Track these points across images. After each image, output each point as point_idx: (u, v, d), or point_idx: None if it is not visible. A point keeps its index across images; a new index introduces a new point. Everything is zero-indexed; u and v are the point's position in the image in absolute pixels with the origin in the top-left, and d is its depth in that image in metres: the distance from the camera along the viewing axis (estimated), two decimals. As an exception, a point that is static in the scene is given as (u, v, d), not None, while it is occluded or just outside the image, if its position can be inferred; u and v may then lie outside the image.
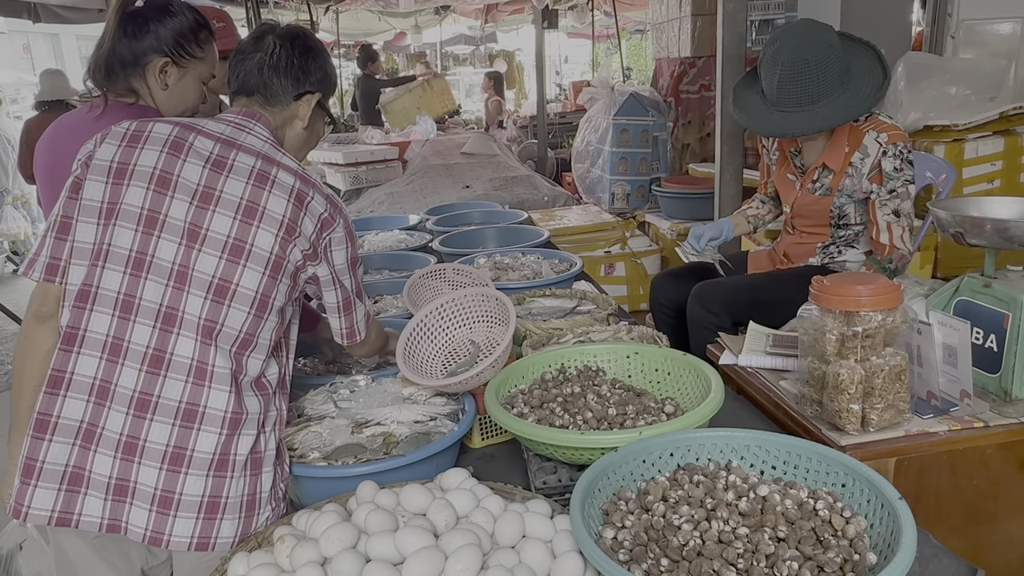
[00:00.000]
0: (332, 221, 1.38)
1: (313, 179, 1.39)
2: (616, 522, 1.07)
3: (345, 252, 1.42)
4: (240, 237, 1.29)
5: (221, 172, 1.31)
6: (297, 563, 1.08)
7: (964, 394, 1.56)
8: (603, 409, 1.43)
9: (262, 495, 1.31)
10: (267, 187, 1.31)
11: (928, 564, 1.15)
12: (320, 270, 1.39)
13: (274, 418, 1.36)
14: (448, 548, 1.06)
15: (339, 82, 9.61)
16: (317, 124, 1.53)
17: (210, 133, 1.35)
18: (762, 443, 1.20)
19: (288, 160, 1.38)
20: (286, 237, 1.31)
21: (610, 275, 4.47)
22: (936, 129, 3.57)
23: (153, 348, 1.26)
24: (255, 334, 1.32)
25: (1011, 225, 1.60)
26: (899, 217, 2.19)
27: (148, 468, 1.23)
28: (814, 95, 2.14)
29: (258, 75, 1.42)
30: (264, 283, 1.31)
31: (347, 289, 1.45)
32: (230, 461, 1.26)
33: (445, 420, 1.52)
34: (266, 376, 1.36)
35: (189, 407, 1.25)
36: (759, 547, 0.99)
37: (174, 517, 1.23)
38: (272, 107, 1.44)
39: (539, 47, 7.90)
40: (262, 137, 1.39)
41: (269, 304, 1.32)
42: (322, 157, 6.40)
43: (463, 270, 2.31)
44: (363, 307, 1.52)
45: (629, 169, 5.46)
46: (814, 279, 1.51)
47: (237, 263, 1.29)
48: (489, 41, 14.82)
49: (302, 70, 1.44)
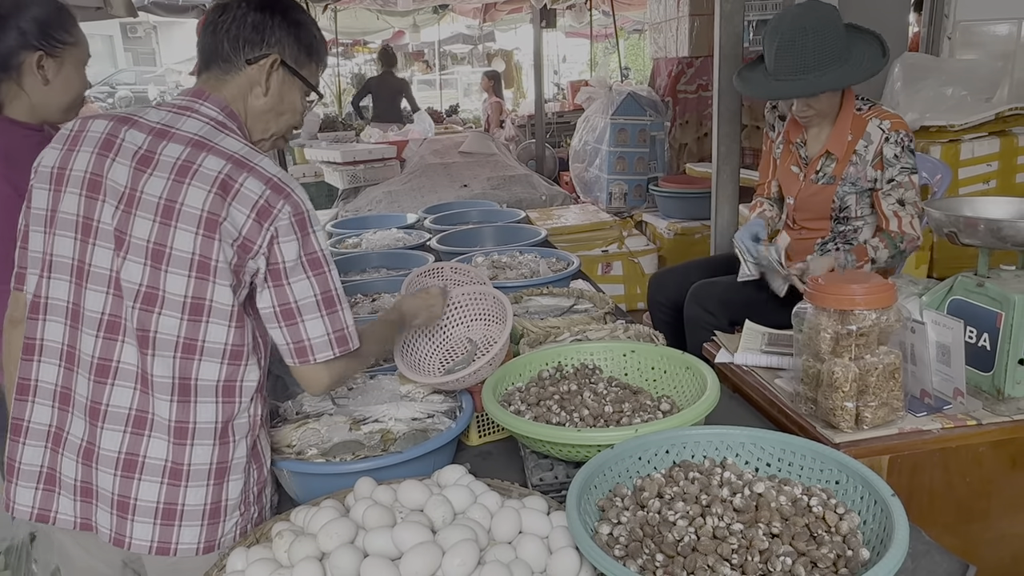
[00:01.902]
0: (271, 208, 1.20)
1: (253, 161, 1.22)
2: (612, 518, 1.08)
3: (296, 245, 1.22)
4: (159, 241, 1.19)
5: (145, 170, 1.21)
6: (295, 558, 1.08)
7: (957, 392, 1.57)
8: (599, 407, 1.44)
9: (228, 503, 1.27)
10: (187, 179, 1.19)
11: (920, 560, 1.17)
12: (258, 264, 1.22)
13: (246, 424, 1.28)
14: (445, 543, 1.07)
15: (337, 80, 9.56)
16: (288, 93, 1.35)
17: (144, 124, 1.25)
18: (757, 440, 1.21)
19: (229, 143, 1.24)
20: (207, 234, 1.18)
21: (607, 274, 4.48)
22: (932, 130, 3.59)
23: (98, 357, 1.23)
24: (197, 339, 1.22)
25: (1004, 225, 1.62)
26: (904, 206, 2.20)
27: (104, 473, 1.23)
28: (810, 64, 2.13)
29: (212, 41, 1.29)
30: (192, 286, 1.20)
31: (297, 292, 1.23)
32: (183, 471, 1.22)
33: (442, 417, 1.53)
34: (238, 381, 1.26)
35: (139, 414, 1.23)
36: (753, 543, 1.00)
37: (132, 521, 1.22)
38: (226, 76, 1.30)
39: (537, 46, 7.91)
40: (205, 118, 1.26)
41: (205, 307, 1.21)
42: (320, 156, 6.41)
43: (461, 268, 2.32)
44: (323, 323, 1.25)
45: (627, 168, 5.47)
46: (809, 279, 1.53)
47: (160, 268, 1.20)
48: (487, 40, 14.84)
49: (255, 29, 1.28)
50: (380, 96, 8.19)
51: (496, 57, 13.85)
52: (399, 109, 8.27)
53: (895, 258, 2.22)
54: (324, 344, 1.26)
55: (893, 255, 2.20)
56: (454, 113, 11.32)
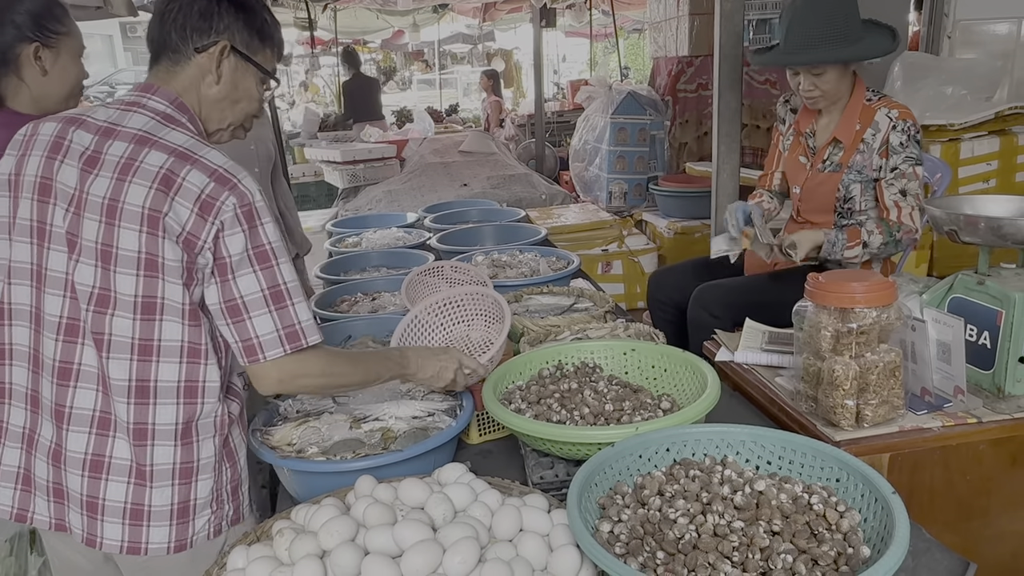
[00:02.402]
0: (215, 201, 1.17)
1: (198, 154, 1.19)
2: (612, 516, 1.08)
3: (242, 238, 1.18)
4: (106, 241, 1.18)
5: (92, 171, 1.20)
6: (296, 556, 1.08)
7: (958, 390, 1.57)
8: (600, 405, 1.44)
9: (197, 502, 1.27)
10: (129, 177, 1.17)
11: (921, 558, 1.17)
12: (204, 260, 1.19)
13: (211, 424, 1.27)
14: (446, 541, 1.07)
15: (337, 80, 9.51)
16: (242, 80, 1.31)
17: (92, 123, 1.24)
18: (757, 438, 1.21)
19: (175, 135, 1.22)
20: (151, 231, 1.17)
21: (607, 273, 4.48)
22: (932, 129, 3.58)
23: (60, 361, 1.23)
24: (153, 338, 1.20)
25: (1004, 223, 1.62)
26: (906, 196, 2.20)
27: (72, 475, 1.24)
28: (815, 39, 2.16)
29: (160, 31, 1.26)
30: (142, 285, 1.18)
31: (242, 287, 1.20)
32: (147, 471, 1.23)
33: (443, 416, 1.53)
34: (200, 381, 1.25)
35: (103, 416, 1.23)
36: (754, 540, 1.00)
37: (102, 521, 1.24)
38: (176, 67, 1.27)
39: (537, 46, 7.90)
40: (151, 113, 1.24)
41: (157, 306, 1.19)
42: (320, 155, 6.41)
43: (461, 267, 2.32)
44: (271, 319, 1.21)
45: (626, 168, 5.47)
46: (810, 276, 1.52)
47: (109, 269, 1.19)
48: (487, 40, 14.83)
49: (202, 16, 1.25)
50: (355, 97, 8.21)
51: (496, 57, 13.85)
52: (376, 107, 8.28)
53: (888, 246, 2.21)
54: (274, 341, 1.22)
55: (887, 242, 2.20)
56: (454, 112, 11.33)
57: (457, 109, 11.80)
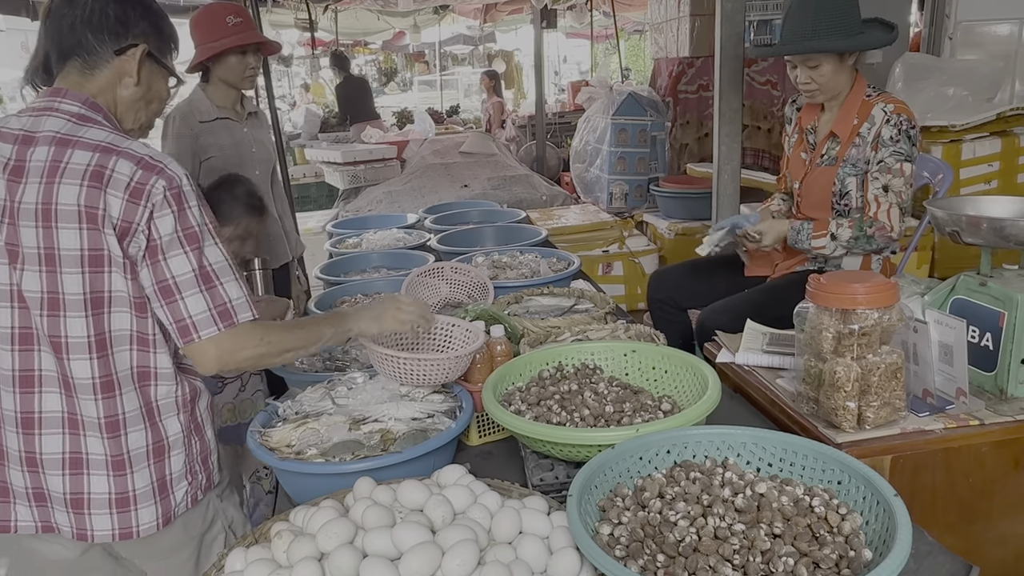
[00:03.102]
0: (144, 186, 1.20)
1: (121, 145, 1.23)
2: (613, 518, 1.07)
3: (171, 220, 1.22)
4: (47, 245, 1.21)
5: (19, 180, 1.23)
6: (294, 558, 1.08)
7: (960, 392, 1.57)
8: (600, 406, 1.44)
9: (173, 475, 1.34)
10: (57, 179, 1.20)
11: (923, 561, 1.16)
12: (131, 246, 1.22)
13: (172, 404, 1.33)
14: (445, 544, 1.06)
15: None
16: (155, 82, 1.37)
17: (8, 134, 1.27)
18: (759, 440, 1.21)
19: (93, 133, 1.24)
20: (91, 227, 1.20)
21: (608, 274, 4.48)
22: (934, 130, 3.58)
23: (19, 370, 1.27)
24: (105, 331, 1.25)
25: (1007, 224, 1.61)
26: (887, 192, 2.18)
27: (53, 476, 1.29)
28: (808, 30, 2.18)
29: (71, 34, 1.29)
30: (88, 282, 1.22)
31: (173, 268, 1.23)
32: (125, 459, 1.29)
33: (442, 417, 1.52)
34: (151, 367, 1.30)
35: (70, 416, 1.28)
36: (755, 543, 0.99)
37: (89, 515, 1.29)
38: (92, 70, 1.30)
39: (538, 47, 7.90)
40: (65, 115, 1.27)
41: (105, 299, 1.24)
42: (320, 156, 6.41)
43: (461, 268, 2.32)
44: (203, 299, 1.24)
45: (627, 169, 5.46)
46: (811, 277, 1.52)
47: (55, 272, 1.22)
48: (488, 41, 14.83)
49: (120, 21, 1.30)
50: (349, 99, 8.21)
51: (497, 58, 13.84)
52: (370, 108, 8.30)
53: (859, 241, 2.19)
54: (207, 320, 1.25)
55: (857, 236, 2.18)
56: (455, 114, 11.32)
57: (458, 110, 11.79)
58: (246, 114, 2.76)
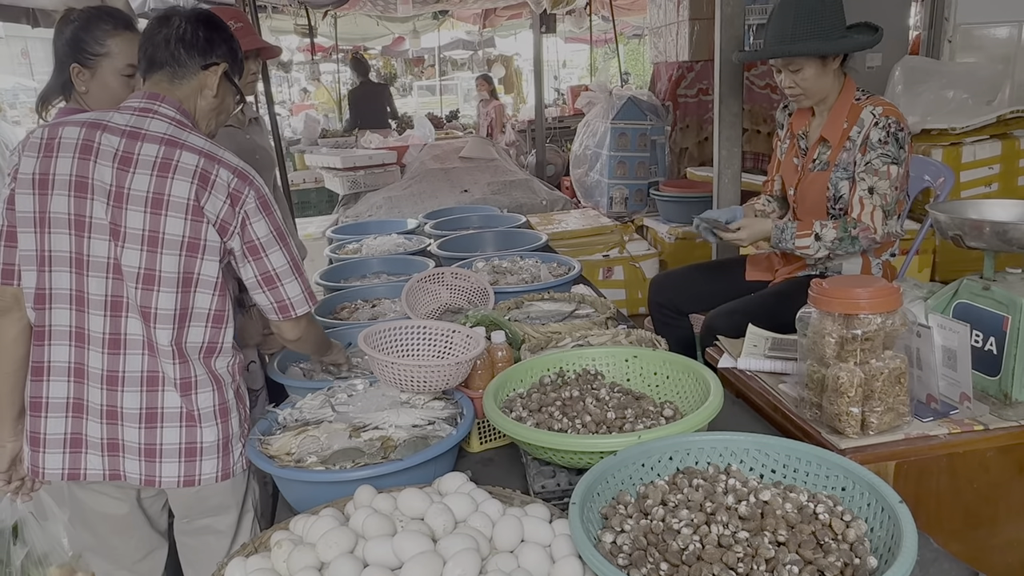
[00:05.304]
0: (240, 194, 1.45)
1: (219, 154, 1.46)
2: (615, 526, 1.07)
3: (266, 223, 1.49)
4: (153, 228, 1.42)
5: (128, 169, 1.42)
6: (294, 568, 1.07)
7: (964, 397, 1.56)
8: (602, 413, 1.43)
9: (232, 436, 1.54)
10: (170, 174, 1.42)
11: (929, 568, 1.15)
12: (233, 243, 1.47)
13: (228, 374, 1.54)
14: (446, 552, 1.05)
15: (337, 87, 9.58)
16: (226, 96, 1.61)
17: (116, 127, 1.45)
18: (761, 447, 1.20)
19: (194, 139, 1.46)
20: (195, 218, 1.43)
21: (608, 279, 4.47)
22: (934, 133, 3.58)
23: (109, 333, 1.45)
24: (188, 307, 1.46)
25: (1010, 227, 1.60)
26: (872, 195, 2.16)
27: (130, 428, 1.47)
28: (787, 34, 2.18)
29: (165, 49, 1.51)
30: (183, 263, 1.44)
31: (274, 262, 1.50)
32: (196, 415, 1.49)
33: (443, 424, 1.51)
34: (219, 343, 1.51)
35: (151, 375, 1.47)
36: (759, 551, 0.98)
37: (160, 463, 1.48)
38: (179, 80, 1.52)
39: (537, 52, 7.91)
40: (166, 119, 1.48)
41: (194, 280, 1.45)
42: (320, 161, 6.40)
43: (461, 274, 2.31)
44: (298, 284, 1.55)
45: (627, 173, 5.46)
46: (813, 282, 1.51)
47: (156, 252, 1.42)
48: (487, 46, 14.84)
49: (208, 42, 1.54)
50: (361, 105, 8.18)
51: (496, 62, 13.86)
52: (384, 116, 8.28)
53: (843, 242, 2.18)
54: (301, 300, 1.56)
55: (841, 237, 2.17)
56: (454, 118, 11.33)
57: (457, 115, 11.80)
58: (247, 120, 2.76)
